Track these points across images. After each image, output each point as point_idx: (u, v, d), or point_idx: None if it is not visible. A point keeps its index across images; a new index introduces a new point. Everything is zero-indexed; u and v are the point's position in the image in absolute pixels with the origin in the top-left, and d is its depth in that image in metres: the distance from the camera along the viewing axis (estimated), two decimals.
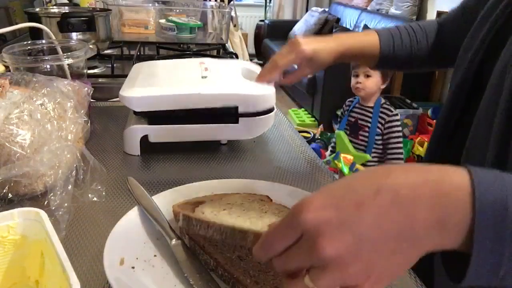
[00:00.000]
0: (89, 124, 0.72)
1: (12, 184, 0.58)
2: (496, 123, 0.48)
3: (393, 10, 4.01)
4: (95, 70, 1.28)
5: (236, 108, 0.77)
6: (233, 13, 2.05)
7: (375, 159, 2.03)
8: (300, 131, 2.12)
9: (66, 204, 0.57)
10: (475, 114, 0.55)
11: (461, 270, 0.31)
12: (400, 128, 2.02)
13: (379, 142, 2.02)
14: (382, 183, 0.31)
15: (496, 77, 0.51)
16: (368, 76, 1.99)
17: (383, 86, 2.04)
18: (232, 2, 2.12)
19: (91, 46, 1.02)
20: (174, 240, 0.50)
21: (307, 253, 0.30)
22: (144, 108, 0.75)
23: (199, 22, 1.49)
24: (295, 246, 0.31)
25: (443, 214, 0.30)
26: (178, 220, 0.51)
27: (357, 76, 2.02)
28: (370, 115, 2.02)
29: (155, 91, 0.74)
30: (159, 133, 0.77)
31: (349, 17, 4.50)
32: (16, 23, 1.17)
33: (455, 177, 0.31)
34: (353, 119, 2.09)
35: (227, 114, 0.77)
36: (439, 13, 3.39)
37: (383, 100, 2.03)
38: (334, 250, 0.29)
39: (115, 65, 1.23)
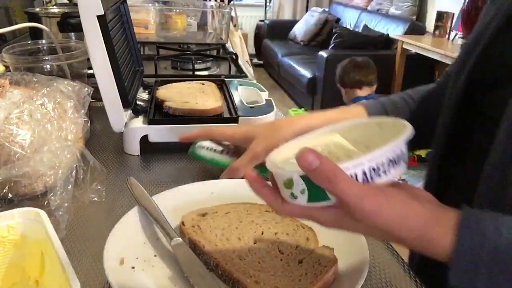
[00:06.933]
0: (89, 124, 0.72)
1: (12, 184, 0.58)
2: None
3: (393, 10, 4.01)
4: None
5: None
6: (233, 13, 2.05)
7: None
8: None
9: (66, 204, 0.57)
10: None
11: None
12: None
13: None
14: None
15: None
16: None
17: None
18: (232, 2, 2.12)
19: None
20: (174, 240, 0.50)
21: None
22: None
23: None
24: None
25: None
26: (183, 236, 0.52)
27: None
28: None
29: None
30: (159, 133, 0.77)
31: (349, 17, 4.50)
32: (16, 23, 1.17)
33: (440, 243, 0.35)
34: None
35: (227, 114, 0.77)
36: (439, 13, 3.38)
37: None
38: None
39: None
